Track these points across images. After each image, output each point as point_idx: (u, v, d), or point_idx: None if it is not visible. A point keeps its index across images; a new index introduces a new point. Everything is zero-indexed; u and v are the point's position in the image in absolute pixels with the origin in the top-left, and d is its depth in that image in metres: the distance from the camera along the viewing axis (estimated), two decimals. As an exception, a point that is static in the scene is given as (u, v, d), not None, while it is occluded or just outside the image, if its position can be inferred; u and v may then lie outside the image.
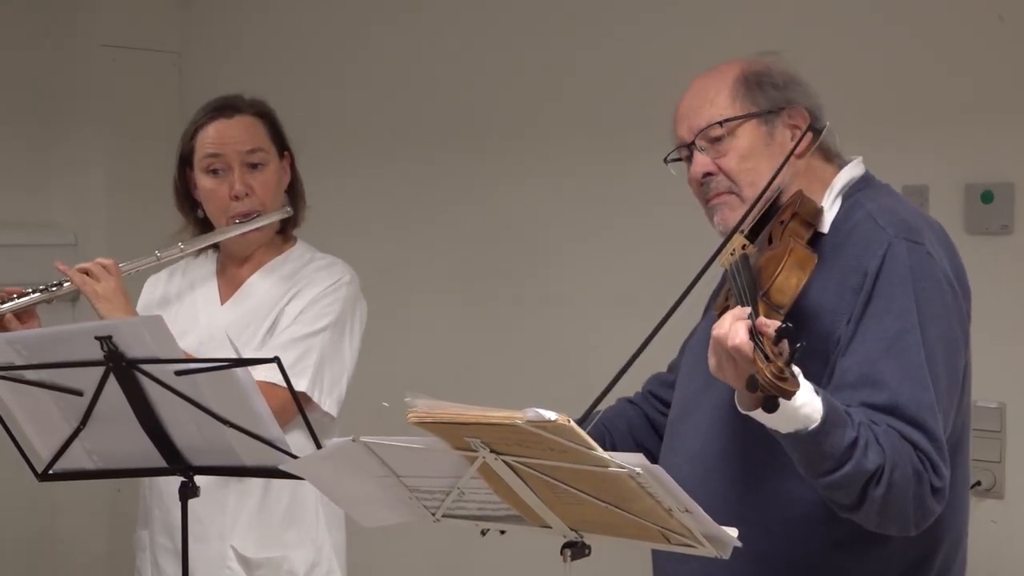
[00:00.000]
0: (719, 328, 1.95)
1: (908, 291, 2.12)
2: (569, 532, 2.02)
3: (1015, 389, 3.33)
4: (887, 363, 2.08)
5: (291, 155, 3.06)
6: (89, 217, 4.74)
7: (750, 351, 1.88)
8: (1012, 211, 3.31)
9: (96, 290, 2.86)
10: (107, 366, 2.43)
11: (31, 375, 2.50)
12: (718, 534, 1.90)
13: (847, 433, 1.98)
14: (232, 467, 2.57)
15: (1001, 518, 3.35)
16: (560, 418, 1.77)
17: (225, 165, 2.96)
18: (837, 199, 2.28)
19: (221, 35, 4.90)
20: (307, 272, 3.00)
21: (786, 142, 2.28)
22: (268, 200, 2.98)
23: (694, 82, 2.38)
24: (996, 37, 3.32)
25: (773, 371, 1.85)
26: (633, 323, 3.58)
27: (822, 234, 2.23)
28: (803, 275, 2.08)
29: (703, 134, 2.30)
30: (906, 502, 2.04)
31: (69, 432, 2.56)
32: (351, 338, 2.98)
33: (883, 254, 2.14)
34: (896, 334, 2.09)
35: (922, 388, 2.08)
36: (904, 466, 2.02)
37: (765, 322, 1.91)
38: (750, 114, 2.28)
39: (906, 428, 2.04)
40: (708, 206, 2.33)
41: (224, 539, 2.94)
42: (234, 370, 2.43)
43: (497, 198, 4.23)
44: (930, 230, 2.23)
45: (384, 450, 2.00)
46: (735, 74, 2.32)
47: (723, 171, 2.29)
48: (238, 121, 2.98)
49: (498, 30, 4.24)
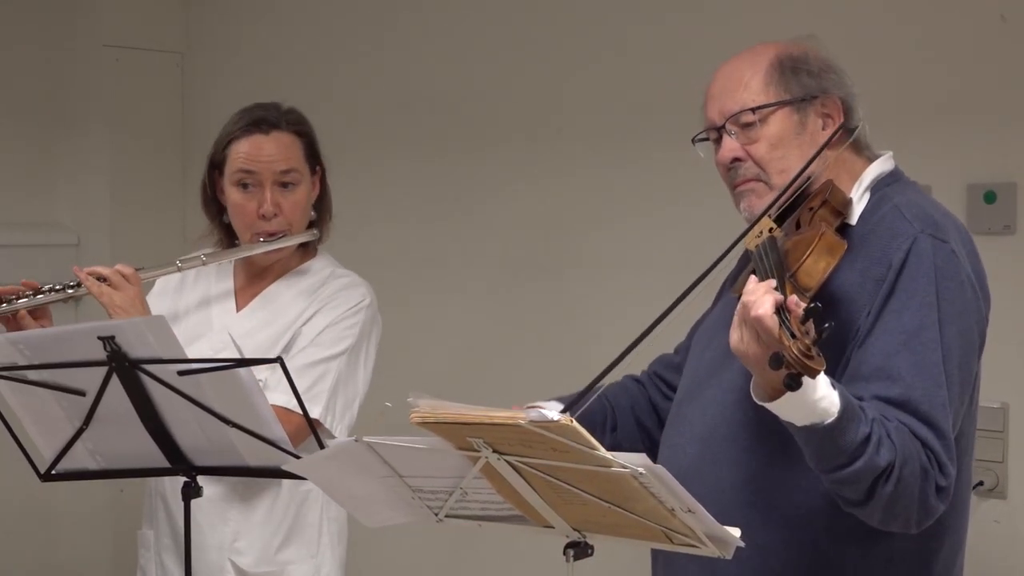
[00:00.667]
0: (750, 294, 1.92)
1: (931, 287, 2.10)
2: (572, 532, 2.02)
3: (1018, 389, 3.33)
4: (903, 357, 2.07)
5: (323, 169, 3.02)
6: (92, 217, 4.74)
7: (775, 326, 1.86)
8: (1015, 211, 3.31)
9: (114, 300, 2.81)
10: (110, 366, 2.43)
11: (34, 375, 2.51)
12: (721, 534, 1.90)
13: (861, 429, 1.97)
14: (235, 467, 2.57)
15: (1004, 518, 3.34)
16: (563, 418, 1.77)
17: (256, 182, 2.90)
18: (866, 193, 2.26)
19: (224, 35, 4.90)
20: (328, 290, 2.96)
21: (817, 131, 2.26)
22: (296, 220, 2.94)
23: (728, 63, 2.33)
24: (998, 36, 3.32)
25: (801, 348, 1.82)
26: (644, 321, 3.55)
27: (849, 225, 2.20)
28: (832, 260, 2.05)
29: (734, 119, 2.26)
30: (912, 500, 2.03)
31: (72, 432, 2.56)
32: (366, 362, 2.96)
33: (908, 248, 2.12)
34: (915, 329, 2.08)
35: (936, 385, 2.07)
36: (913, 464, 2.01)
37: (795, 301, 1.90)
38: (782, 101, 2.25)
39: (917, 424, 2.04)
40: (735, 192, 2.30)
41: (223, 551, 2.92)
42: (237, 370, 2.43)
43: (513, 196, 4.22)
44: (956, 230, 2.21)
45: (387, 450, 2.00)
46: (770, 58, 2.28)
47: (752, 158, 2.26)
48: (275, 138, 2.92)
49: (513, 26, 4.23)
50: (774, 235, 2.13)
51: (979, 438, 3.33)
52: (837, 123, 2.26)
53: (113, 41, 4.74)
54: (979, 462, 3.36)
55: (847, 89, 2.29)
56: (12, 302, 2.81)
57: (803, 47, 2.30)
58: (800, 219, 2.18)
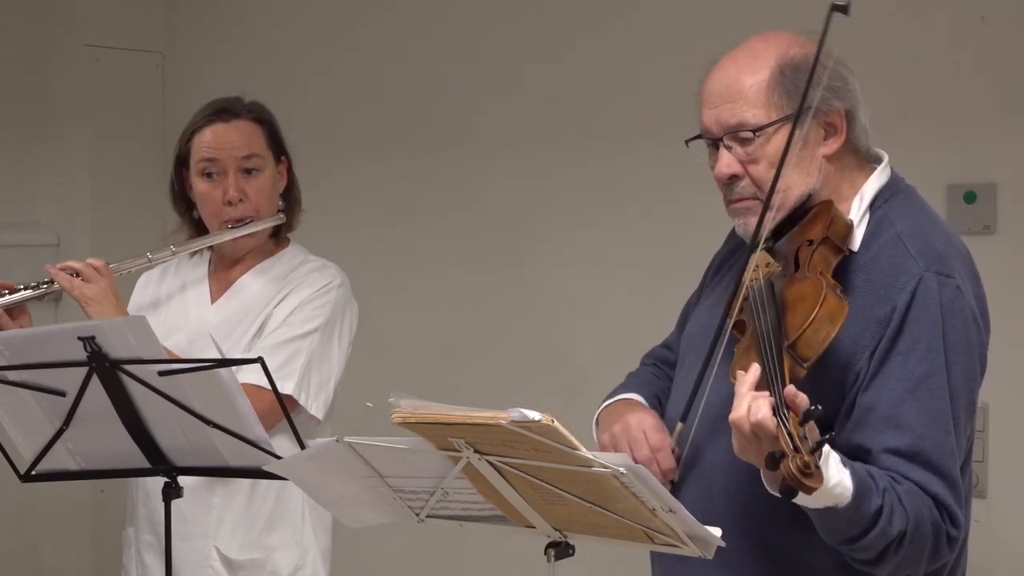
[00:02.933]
0: (736, 411, 1.87)
1: (937, 330, 2.04)
2: (553, 532, 2.02)
3: (998, 389, 3.32)
4: (911, 406, 2.02)
5: (288, 159, 3.05)
6: (72, 217, 4.72)
7: (773, 427, 1.82)
8: (995, 211, 3.32)
9: (85, 293, 2.82)
10: (90, 367, 2.43)
11: (14, 375, 2.50)
12: (702, 534, 1.90)
13: (874, 502, 1.94)
14: (216, 468, 2.57)
15: (984, 517, 3.35)
16: (544, 418, 1.77)
17: (220, 170, 2.94)
18: (867, 212, 2.15)
19: (205, 35, 4.89)
20: (298, 274, 2.99)
21: (819, 143, 2.14)
22: (262, 206, 2.97)
23: (726, 62, 2.18)
24: (978, 38, 3.33)
25: (799, 464, 1.78)
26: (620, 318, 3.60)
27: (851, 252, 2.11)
28: (832, 328, 1.95)
29: (732, 134, 2.13)
30: (922, 556, 2.02)
31: (52, 433, 2.55)
32: (340, 341, 2.97)
33: (913, 289, 2.05)
34: (922, 376, 2.03)
35: (945, 433, 2.03)
36: (924, 525, 1.99)
37: (794, 394, 1.85)
38: (784, 118, 2.10)
39: (928, 477, 2.00)
40: (731, 207, 2.18)
41: (208, 539, 2.93)
42: (217, 370, 2.43)
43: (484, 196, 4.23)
44: (959, 258, 2.14)
45: (368, 451, 2.00)
46: (771, 66, 2.13)
47: (751, 176, 2.14)
48: (235, 126, 2.95)
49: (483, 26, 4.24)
50: (771, 272, 2.05)
51: (959, 438, 3.37)
52: (841, 135, 2.15)
53: (93, 41, 4.72)
54: (959, 461, 3.37)
55: (852, 98, 2.16)
56: None
57: (807, 47, 2.14)
58: (799, 254, 2.07)
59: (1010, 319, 3.31)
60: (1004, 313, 3.31)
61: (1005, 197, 3.32)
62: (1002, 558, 3.34)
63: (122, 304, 2.89)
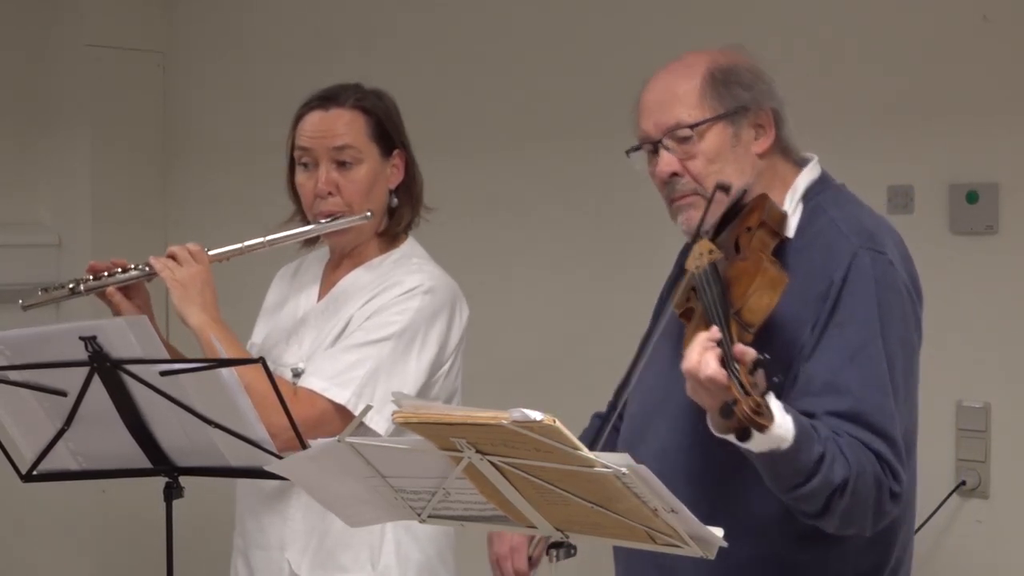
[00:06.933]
0: (687, 361, 1.97)
1: (872, 301, 2.17)
2: (555, 532, 2.02)
3: (1000, 389, 3.34)
4: (851, 371, 2.14)
5: (407, 153, 2.87)
6: (74, 217, 4.73)
7: (725, 380, 1.92)
8: (997, 211, 3.32)
9: (175, 275, 2.70)
10: (91, 367, 2.42)
11: (15, 375, 2.50)
12: (704, 534, 1.91)
13: (815, 449, 2.04)
14: (218, 468, 2.56)
15: (987, 518, 3.35)
16: (546, 418, 1.77)
17: (313, 160, 2.79)
18: (800, 203, 2.31)
19: (206, 34, 4.89)
20: (392, 277, 2.79)
21: (751, 142, 2.31)
22: (356, 201, 2.78)
23: (661, 75, 2.36)
24: (980, 37, 3.33)
25: (750, 405, 1.89)
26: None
27: (787, 239, 2.26)
28: (775, 295, 2.09)
29: (671, 133, 2.29)
30: (867, 508, 2.11)
31: (53, 433, 2.55)
32: (421, 352, 2.74)
33: (848, 264, 2.19)
34: (860, 343, 2.15)
35: (883, 395, 2.15)
36: (866, 476, 2.09)
37: (743, 350, 1.95)
38: (718, 116, 2.28)
39: (868, 436, 2.11)
40: (673, 206, 2.34)
41: (282, 550, 2.80)
42: (219, 370, 2.42)
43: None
44: (890, 238, 2.28)
45: (370, 451, 2.00)
46: (702, 71, 2.30)
47: (690, 173, 2.30)
48: (334, 115, 2.80)
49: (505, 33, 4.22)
50: (714, 258, 2.16)
51: (961, 438, 3.36)
52: (770, 133, 2.32)
53: (95, 40, 4.73)
54: (961, 462, 3.37)
55: (777, 99, 2.34)
56: (102, 278, 2.78)
57: (732, 57, 2.34)
58: (739, 240, 2.21)
59: (1011, 319, 3.32)
60: (1005, 313, 3.31)
61: (1007, 197, 3.32)
62: (1003, 558, 3.34)
63: (210, 292, 2.73)
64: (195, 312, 2.69)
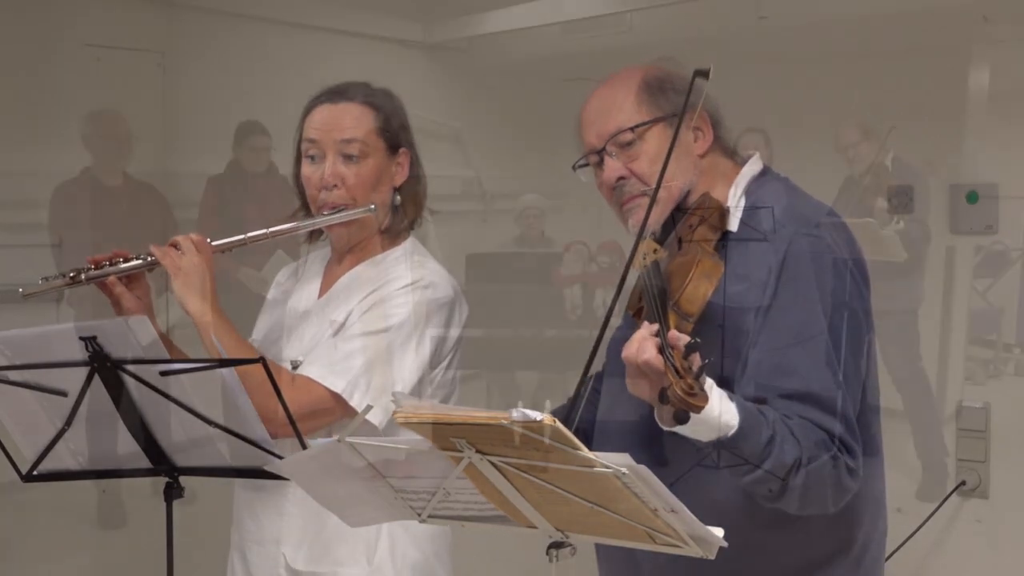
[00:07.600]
0: (627, 349, 2.03)
1: (811, 282, 2.24)
2: (555, 532, 2.02)
3: (999, 389, 3.34)
4: (796, 352, 2.21)
5: (412, 153, 2.86)
6: (73, 217, 4.73)
7: (661, 365, 1.97)
8: (996, 211, 3.32)
9: (176, 263, 2.68)
10: (91, 367, 2.42)
11: (15, 375, 2.49)
12: (703, 534, 1.90)
13: (763, 432, 2.09)
14: (218, 468, 2.56)
15: (986, 517, 3.36)
16: (546, 418, 1.77)
17: (320, 152, 2.78)
18: (742, 197, 2.39)
19: (205, 34, 4.89)
20: (392, 272, 2.80)
21: (691, 143, 2.39)
22: (361, 194, 2.78)
23: (599, 89, 2.45)
24: (981, 38, 3.33)
25: (683, 387, 1.95)
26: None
27: (731, 232, 2.33)
28: (710, 285, 2.16)
29: (613, 140, 2.38)
30: (824, 487, 2.16)
31: (54, 432, 2.55)
32: (419, 346, 2.75)
33: (785, 249, 2.26)
34: (802, 324, 2.22)
35: (831, 373, 2.20)
36: (819, 454, 2.14)
37: (676, 336, 2.01)
38: (656, 119, 2.37)
39: (818, 414, 2.17)
40: (623, 210, 2.41)
41: (278, 544, 2.82)
42: (219, 370, 2.42)
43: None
44: (830, 223, 2.34)
45: (369, 450, 2.00)
46: (638, 81, 2.40)
47: (635, 174, 2.38)
48: (343, 108, 2.80)
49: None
50: (658, 257, 2.24)
51: (961, 438, 3.36)
52: (708, 134, 2.41)
53: (94, 40, 4.73)
54: (961, 462, 3.38)
55: (711, 102, 2.41)
56: (104, 267, 2.77)
57: (664, 69, 2.43)
58: (682, 237, 2.29)
59: (1010, 319, 3.32)
60: (1005, 313, 3.32)
61: (1007, 197, 3.32)
62: (1002, 557, 3.34)
63: (210, 282, 2.73)
64: (195, 301, 2.68)
